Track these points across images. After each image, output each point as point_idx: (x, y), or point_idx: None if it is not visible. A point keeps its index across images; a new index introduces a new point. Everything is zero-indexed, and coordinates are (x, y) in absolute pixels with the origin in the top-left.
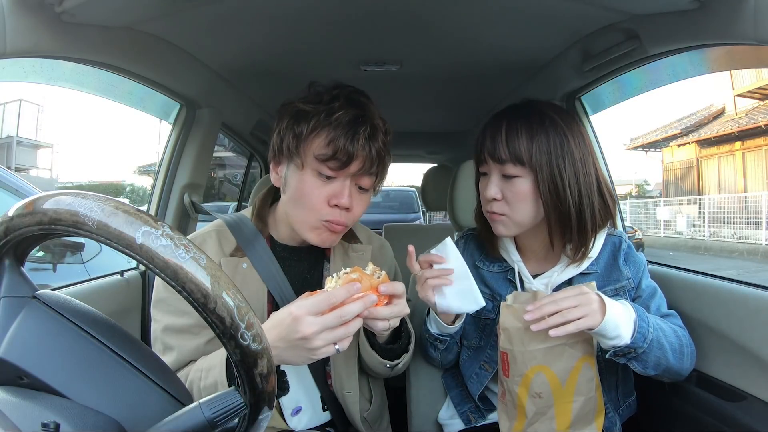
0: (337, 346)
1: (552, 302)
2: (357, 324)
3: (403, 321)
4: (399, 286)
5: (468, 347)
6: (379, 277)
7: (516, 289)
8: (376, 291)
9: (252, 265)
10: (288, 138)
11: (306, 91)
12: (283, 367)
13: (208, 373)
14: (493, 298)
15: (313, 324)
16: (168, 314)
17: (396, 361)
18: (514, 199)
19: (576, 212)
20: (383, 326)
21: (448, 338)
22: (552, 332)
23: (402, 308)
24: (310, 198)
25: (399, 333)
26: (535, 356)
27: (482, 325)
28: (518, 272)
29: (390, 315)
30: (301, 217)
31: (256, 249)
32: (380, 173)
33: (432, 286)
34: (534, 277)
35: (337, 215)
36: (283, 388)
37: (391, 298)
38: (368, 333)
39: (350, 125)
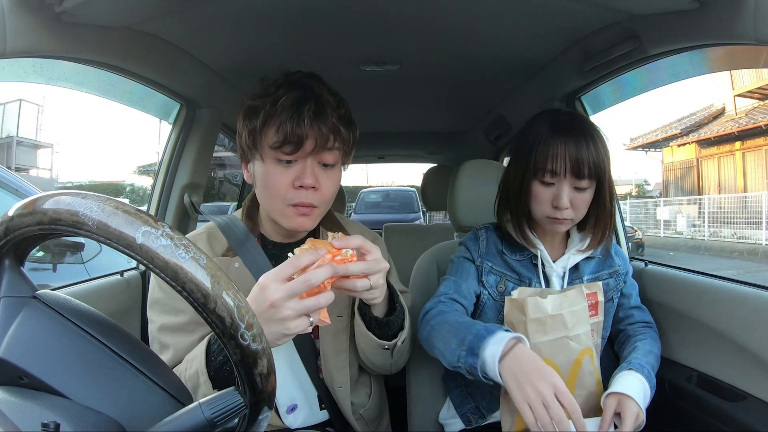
0: (311, 318)
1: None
2: (328, 297)
3: (394, 292)
4: (355, 239)
5: None
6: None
7: (539, 271)
8: (337, 249)
9: (244, 265)
10: (245, 135)
11: (259, 87)
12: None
13: (191, 363)
14: (521, 282)
15: (279, 290)
16: (163, 314)
17: (393, 341)
18: (580, 205)
19: (611, 206)
20: (363, 284)
21: (485, 380)
22: None
23: (377, 263)
24: (275, 185)
25: (393, 305)
26: (540, 349)
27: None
28: (541, 258)
29: (365, 269)
30: (271, 205)
31: (248, 249)
32: (342, 146)
33: None
34: (553, 261)
35: (303, 196)
36: None
37: (362, 256)
38: (362, 311)
39: (293, 108)
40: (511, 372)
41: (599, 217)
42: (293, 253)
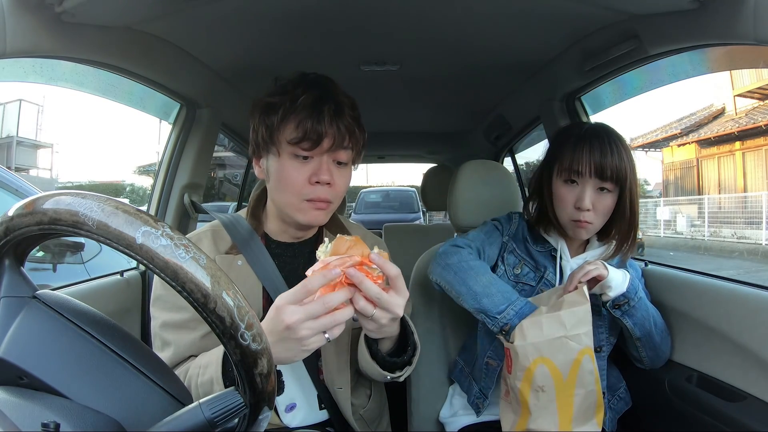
0: (327, 335)
1: (580, 270)
2: (346, 313)
3: (410, 333)
4: (393, 268)
5: None
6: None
7: (557, 264)
8: (369, 261)
9: (247, 263)
10: (261, 131)
11: (273, 86)
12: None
13: (205, 370)
14: (536, 269)
15: (296, 312)
16: (165, 311)
17: (398, 374)
18: (602, 210)
19: (633, 217)
20: (366, 308)
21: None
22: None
23: (391, 304)
24: (292, 179)
25: (405, 345)
26: (537, 348)
27: (517, 290)
28: (560, 251)
29: (377, 297)
30: (286, 199)
31: (251, 247)
32: (355, 146)
33: None
34: (572, 256)
35: (319, 192)
36: (279, 387)
37: (387, 287)
38: (369, 341)
39: (314, 106)
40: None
41: (620, 226)
42: (324, 240)
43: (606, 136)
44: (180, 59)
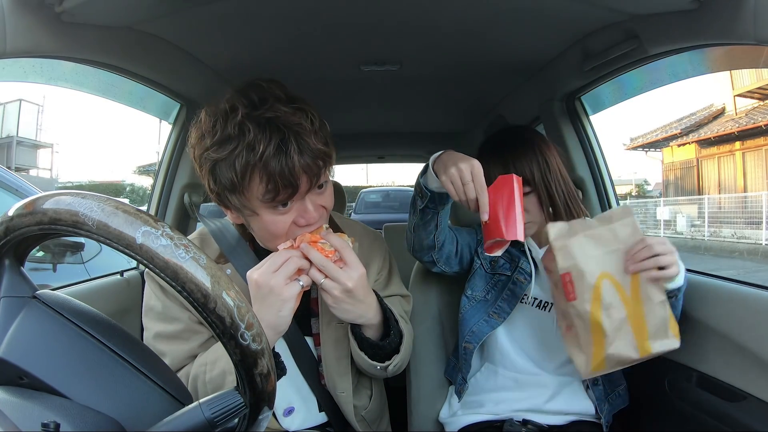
0: (301, 282)
1: (646, 247)
2: (305, 261)
3: (391, 319)
4: (337, 241)
5: (471, 298)
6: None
7: (527, 255)
8: (321, 237)
9: (236, 271)
10: (224, 194)
11: (204, 128)
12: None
13: (213, 366)
14: (511, 261)
15: (260, 269)
16: (158, 322)
17: (386, 363)
18: (533, 209)
19: (564, 205)
20: (316, 276)
21: (429, 193)
22: (634, 267)
23: (336, 272)
24: (277, 230)
25: (388, 330)
26: (598, 262)
27: (494, 281)
28: (527, 247)
29: (321, 264)
30: (275, 244)
31: (240, 255)
32: (329, 161)
33: None
34: (539, 247)
35: (310, 229)
36: (280, 369)
37: (340, 260)
38: (355, 331)
39: (277, 153)
40: (441, 162)
41: (556, 213)
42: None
43: (508, 140)
44: (180, 59)
